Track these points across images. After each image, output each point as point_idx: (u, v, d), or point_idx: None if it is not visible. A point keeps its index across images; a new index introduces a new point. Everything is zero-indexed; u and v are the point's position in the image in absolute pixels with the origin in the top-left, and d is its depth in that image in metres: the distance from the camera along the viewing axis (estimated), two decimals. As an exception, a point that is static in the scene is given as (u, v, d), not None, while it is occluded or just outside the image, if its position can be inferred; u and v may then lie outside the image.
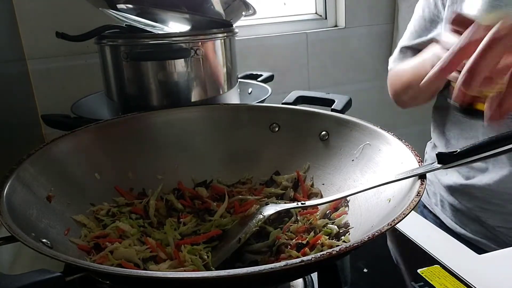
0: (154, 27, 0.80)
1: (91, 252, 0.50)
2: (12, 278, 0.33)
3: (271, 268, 0.33)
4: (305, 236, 0.53)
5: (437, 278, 0.51)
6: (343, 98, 0.73)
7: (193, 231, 0.56)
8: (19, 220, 0.42)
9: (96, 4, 0.81)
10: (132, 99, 0.78)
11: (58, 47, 1.07)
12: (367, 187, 0.50)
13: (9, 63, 0.96)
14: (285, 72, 1.30)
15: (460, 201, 0.80)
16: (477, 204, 0.76)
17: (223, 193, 0.63)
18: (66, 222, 0.51)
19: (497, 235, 0.76)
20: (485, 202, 0.75)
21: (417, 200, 0.42)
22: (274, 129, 0.67)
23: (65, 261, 0.35)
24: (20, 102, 1.00)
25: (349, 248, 0.36)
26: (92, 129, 0.62)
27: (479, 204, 0.76)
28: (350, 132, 0.60)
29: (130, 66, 0.75)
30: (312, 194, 0.61)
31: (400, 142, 0.54)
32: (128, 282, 0.38)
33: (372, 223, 0.48)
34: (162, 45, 0.74)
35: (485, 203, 0.75)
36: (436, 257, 0.55)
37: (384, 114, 1.42)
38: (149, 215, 0.58)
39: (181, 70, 0.75)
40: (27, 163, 0.51)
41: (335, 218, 0.55)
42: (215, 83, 0.79)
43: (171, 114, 0.68)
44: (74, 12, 1.05)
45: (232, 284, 0.37)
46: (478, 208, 0.77)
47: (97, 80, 0.85)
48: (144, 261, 0.50)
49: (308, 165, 0.63)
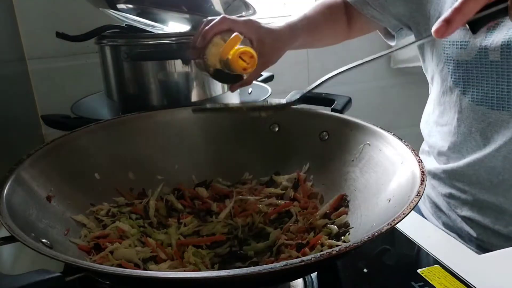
0: (154, 27, 0.80)
1: (91, 252, 0.50)
2: (12, 278, 0.33)
3: (271, 268, 0.33)
4: (305, 236, 0.53)
5: (437, 278, 0.51)
6: (343, 98, 0.73)
7: (193, 231, 0.57)
8: (19, 220, 0.42)
9: (96, 4, 0.81)
10: (132, 99, 0.78)
11: (58, 47, 1.07)
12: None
13: (9, 63, 0.96)
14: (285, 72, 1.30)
15: (435, 187, 0.80)
16: (449, 192, 0.77)
17: (223, 193, 0.63)
18: (66, 222, 0.52)
19: (461, 228, 0.76)
20: (457, 188, 0.75)
21: (417, 200, 0.42)
22: (274, 129, 0.67)
23: (65, 261, 0.35)
24: (20, 102, 1.00)
25: (349, 248, 0.36)
26: (92, 129, 0.62)
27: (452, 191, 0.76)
28: (350, 132, 0.60)
29: (130, 66, 0.75)
30: (312, 194, 0.61)
31: (400, 142, 0.54)
32: (128, 282, 0.38)
33: (372, 223, 0.48)
34: (162, 45, 0.74)
35: (457, 190, 0.76)
36: (436, 257, 0.55)
37: (384, 114, 1.42)
38: (149, 215, 0.58)
39: (181, 70, 0.76)
40: (27, 163, 0.51)
41: (335, 218, 0.55)
42: (215, 83, 0.79)
43: (171, 114, 0.68)
44: (74, 12, 1.05)
45: (232, 284, 0.37)
46: (449, 196, 0.77)
47: (97, 80, 0.85)
48: (144, 261, 0.50)
49: (308, 165, 0.63)
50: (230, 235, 0.56)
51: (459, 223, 0.77)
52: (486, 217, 0.72)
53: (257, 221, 0.57)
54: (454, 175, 0.76)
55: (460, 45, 0.68)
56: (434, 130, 0.80)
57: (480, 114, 0.69)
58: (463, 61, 0.69)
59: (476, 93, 0.69)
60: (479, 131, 0.70)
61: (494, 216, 0.71)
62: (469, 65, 0.69)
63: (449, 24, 0.41)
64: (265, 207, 0.59)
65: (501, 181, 0.69)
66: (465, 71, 0.69)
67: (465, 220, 0.76)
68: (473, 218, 0.74)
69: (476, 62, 0.68)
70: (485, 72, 0.67)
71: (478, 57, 0.67)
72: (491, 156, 0.69)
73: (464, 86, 0.70)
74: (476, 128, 0.70)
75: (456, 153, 0.75)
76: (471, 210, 0.74)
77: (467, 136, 0.72)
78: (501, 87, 0.66)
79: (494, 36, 0.65)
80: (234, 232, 0.56)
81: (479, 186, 0.72)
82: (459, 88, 0.71)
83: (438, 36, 0.42)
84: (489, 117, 0.68)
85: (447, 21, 0.41)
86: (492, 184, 0.70)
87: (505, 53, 0.64)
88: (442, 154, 0.78)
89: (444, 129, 0.77)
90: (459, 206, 0.76)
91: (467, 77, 0.69)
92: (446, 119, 0.76)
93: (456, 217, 0.77)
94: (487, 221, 0.72)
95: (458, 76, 0.71)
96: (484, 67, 0.67)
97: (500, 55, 0.65)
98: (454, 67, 0.71)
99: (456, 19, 0.41)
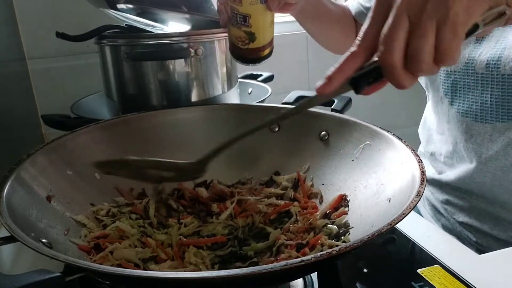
0: (154, 27, 0.80)
1: (91, 252, 0.50)
2: (12, 278, 0.33)
3: (271, 268, 0.33)
4: (305, 236, 0.53)
5: (437, 278, 0.51)
6: (343, 98, 0.73)
7: (193, 232, 0.57)
8: (19, 220, 0.42)
9: (96, 4, 0.81)
10: (132, 99, 0.78)
11: (58, 47, 1.07)
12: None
13: (9, 63, 0.96)
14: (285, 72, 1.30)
15: (433, 193, 0.81)
16: (446, 198, 0.77)
17: (223, 193, 0.63)
18: (66, 222, 0.51)
19: (461, 232, 0.76)
20: (453, 196, 0.76)
21: (417, 200, 0.42)
22: (274, 129, 0.67)
23: (65, 261, 0.35)
24: (20, 102, 1.00)
25: (349, 248, 0.36)
26: (92, 129, 0.62)
27: (448, 198, 0.77)
28: (350, 132, 0.60)
29: (130, 66, 0.75)
30: (312, 194, 0.61)
31: (400, 142, 0.54)
32: (128, 282, 0.38)
33: (372, 223, 0.48)
34: (162, 45, 0.74)
35: (453, 197, 0.76)
36: (436, 257, 0.55)
37: (384, 114, 1.43)
38: (149, 215, 0.58)
39: (181, 70, 0.75)
40: (27, 163, 0.51)
41: (335, 218, 0.55)
42: (215, 83, 0.79)
43: (171, 114, 0.68)
44: (74, 12, 1.05)
45: (232, 284, 0.37)
46: (446, 202, 0.77)
47: (97, 80, 0.85)
48: (144, 261, 0.50)
49: (308, 165, 0.63)
50: (230, 235, 0.56)
51: (458, 227, 0.77)
52: (484, 223, 0.72)
53: (257, 221, 0.57)
54: (448, 185, 0.76)
55: None
56: (432, 137, 0.81)
57: (464, 126, 0.69)
58: (451, 72, 0.70)
59: (462, 104, 0.69)
60: (462, 143, 0.70)
61: (492, 223, 0.71)
62: (457, 76, 0.69)
63: (330, 81, 0.42)
64: (265, 207, 0.59)
65: (494, 196, 0.69)
66: (453, 82, 0.70)
67: (463, 226, 0.76)
68: (471, 224, 0.74)
69: (463, 73, 0.68)
70: (471, 84, 0.68)
71: (466, 68, 0.68)
72: (478, 171, 0.69)
73: (452, 96, 0.71)
74: (460, 140, 0.71)
75: (448, 165, 0.76)
76: (469, 216, 0.74)
77: (455, 147, 0.72)
78: (485, 99, 0.66)
79: (482, 48, 0.66)
80: (234, 232, 0.56)
81: (475, 195, 0.72)
82: (447, 98, 0.72)
83: (320, 92, 0.43)
84: (472, 129, 0.68)
85: (328, 78, 0.42)
86: (486, 197, 0.70)
87: (490, 65, 0.65)
88: (438, 161, 0.79)
89: (440, 138, 0.77)
90: (457, 212, 0.76)
91: (455, 87, 0.70)
92: (442, 128, 0.76)
93: (455, 222, 0.77)
94: (485, 227, 0.72)
95: (447, 86, 0.71)
96: (470, 78, 0.67)
97: (485, 67, 0.65)
98: (444, 77, 0.71)
99: (337, 76, 0.42)
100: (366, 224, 0.50)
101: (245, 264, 0.51)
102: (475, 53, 0.66)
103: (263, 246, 0.53)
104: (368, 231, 0.37)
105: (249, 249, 0.53)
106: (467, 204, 0.73)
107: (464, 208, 0.74)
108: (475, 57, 0.66)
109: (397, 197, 0.47)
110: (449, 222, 0.78)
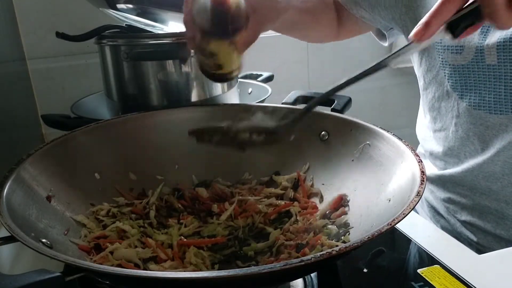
0: (154, 27, 0.80)
1: (91, 252, 0.50)
2: (12, 278, 0.33)
3: (271, 268, 0.33)
4: (304, 236, 0.53)
5: (437, 278, 0.51)
6: (343, 98, 0.73)
7: (194, 232, 0.57)
8: (19, 220, 0.42)
9: (96, 4, 0.81)
10: (132, 99, 0.78)
11: (58, 47, 1.07)
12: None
13: (9, 63, 0.96)
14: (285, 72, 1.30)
15: (433, 192, 0.80)
16: (448, 196, 0.77)
17: (223, 193, 0.63)
18: (66, 222, 0.51)
19: (461, 232, 0.76)
20: (456, 193, 0.75)
21: (417, 200, 0.42)
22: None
23: (65, 261, 0.35)
24: (20, 102, 1.00)
25: (349, 248, 0.36)
26: (92, 129, 0.62)
27: (451, 196, 0.76)
28: (350, 132, 0.60)
29: (130, 66, 0.75)
30: (312, 194, 0.61)
31: (400, 142, 0.54)
32: (128, 282, 0.38)
33: (372, 223, 0.48)
34: (162, 45, 0.74)
35: (456, 194, 0.75)
36: (436, 257, 0.55)
37: (384, 114, 1.43)
38: (149, 215, 0.58)
39: (181, 70, 0.75)
40: (27, 163, 0.51)
41: (335, 218, 0.55)
42: (215, 83, 0.79)
43: (171, 114, 0.68)
44: (74, 12, 1.05)
45: (232, 284, 0.37)
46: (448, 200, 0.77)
47: (97, 80, 0.85)
48: (145, 261, 0.50)
49: (308, 165, 0.63)
50: (231, 236, 0.56)
51: (458, 228, 0.77)
52: (487, 222, 0.72)
53: (257, 221, 0.57)
54: (452, 181, 0.75)
55: (455, 50, 0.68)
56: (428, 135, 0.80)
57: (478, 118, 0.69)
58: (459, 66, 0.69)
59: (473, 97, 0.69)
60: (477, 135, 0.70)
61: (496, 221, 0.71)
62: (466, 69, 0.68)
63: (427, 26, 0.41)
64: (265, 208, 0.59)
65: (500, 188, 0.69)
66: (462, 76, 0.69)
67: (465, 225, 0.75)
68: (473, 222, 0.74)
69: (473, 66, 0.67)
70: (483, 76, 0.67)
71: (475, 61, 0.67)
72: (489, 161, 0.69)
73: (462, 90, 0.70)
74: (474, 133, 0.70)
75: (454, 158, 0.75)
76: (471, 214, 0.74)
77: (465, 141, 0.72)
78: (498, 90, 0.66)
79: (489, 38, 0.65)
80: (235, 232, 0.56)
81: (479, 191, 0.72)
82: (457, 92, 0.71)
83: (416, 39, 0.42)
84: (487, 121, 0.68)
85: (425, 24, 0.41)
86: (492, 191, 0.70)
87: (501, 55, 0.64)
88: (439, 159, 0.78)
89: (439, 135, 0.77)
90: (459, 211, 0.76)
91: (465, 81, 0.69)
92: (441, 124, 0.76)
93: (456, 222, 0.77)
94: (488, 226, 0.72)
95: (455, 81, 0.70)
96: (482, 71, 0.67)
97: (497, 58, 0.65)
98: (450, 71, 0.70)
99: (434, 21, 0.41)
100: (366, 224, 0.50)
101: (245, 264, 0.51)
102: (483, 43, 0.65)
103: (263, 246, 0.53)
104: (368, 231, 0.37)
105: (249, 249, 0.53)
106: (470, 202, 0.73)
107: (467, 206, 0.74)
108: (483, 48, 0.65)
109: (397, 197, 0.47)
110: (449, 224, 0.78)
